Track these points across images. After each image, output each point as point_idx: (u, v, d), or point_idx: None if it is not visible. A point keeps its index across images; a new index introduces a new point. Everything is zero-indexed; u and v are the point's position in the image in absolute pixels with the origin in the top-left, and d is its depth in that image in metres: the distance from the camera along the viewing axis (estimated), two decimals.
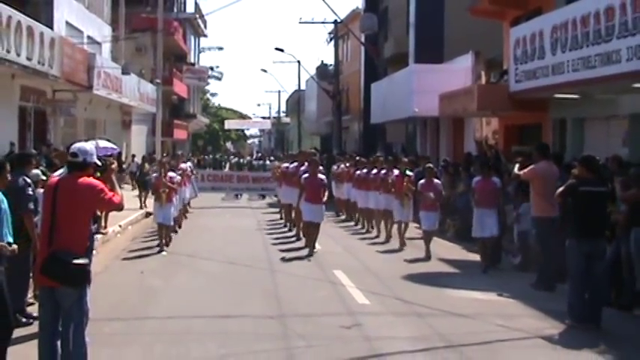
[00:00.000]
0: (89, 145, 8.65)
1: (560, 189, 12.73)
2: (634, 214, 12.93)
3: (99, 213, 20.86)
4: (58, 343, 8.11)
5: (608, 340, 11.20)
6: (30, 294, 11.88)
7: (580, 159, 13.27)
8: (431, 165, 21.28)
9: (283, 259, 18.38)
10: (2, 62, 21.36)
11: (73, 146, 8.60)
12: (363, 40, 48.29)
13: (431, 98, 31.12)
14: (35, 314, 9.65)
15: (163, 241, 19.47)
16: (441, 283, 15.58)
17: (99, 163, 8.75)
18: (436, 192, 19.46)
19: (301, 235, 21.82)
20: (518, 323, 12.20)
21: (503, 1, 27.64)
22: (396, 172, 22.05)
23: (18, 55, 22.25)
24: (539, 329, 11.80)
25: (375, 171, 24.18)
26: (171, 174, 20.39)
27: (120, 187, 9.01)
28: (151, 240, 20.47)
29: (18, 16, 22.21)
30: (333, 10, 64.86)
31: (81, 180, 8.15)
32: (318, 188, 19.44)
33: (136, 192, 31.53)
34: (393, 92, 37.65)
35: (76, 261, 7.93)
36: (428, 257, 18.77)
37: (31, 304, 11.52)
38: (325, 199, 19.74)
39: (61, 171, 10.24)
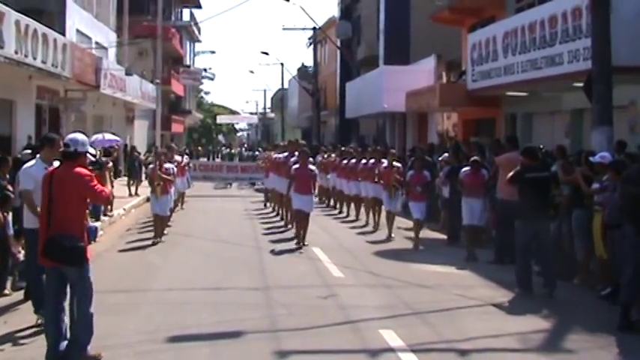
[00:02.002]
0: (81, 136, 8.34)
1: (509, 175, 12.72)
2: (575, 197, 13.06)
3: None
4: (62, 314, 8.06)
5: (551, 305, 11.27)
6: None
7: (522, 150, 13.26)
8: (421, 156, 19.26)
9: (273, 252, 16.78)
10: (21, 65, 21.21)
11: (67, 137, 8.38)
12: (338, 44, 48.23)
13: (398, 95, 31.25)
14: None
15: (159, 231, 17.66)
16: (407, 258, 15.60)
17: (92, 151, 8.59)
18: (425, 183, 17.65)
19: (291, 225, 19.90)
20: (474, 293, 12.24)
21: (461, 10, 27.71)
22: (384, 163, 19.87)
23: (34, 58, 22.11)
24: (491, 298, 11.85)
25: (363, 161, 22.25)
26: (167, 165, 18.28)
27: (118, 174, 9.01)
28: (152, 223, 20.01)
29: (35, 24, 22.07)
30: (312, 18, 64.79)
31: (73, 169, 7.97)
32: (308, 179, 17.57)
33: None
34: (365, 90, 37.72)
35: (71, 244, 7.81)
36: (416, 247, 17.14)
37: None
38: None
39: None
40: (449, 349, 8.82)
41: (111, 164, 9.63)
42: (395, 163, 19.46)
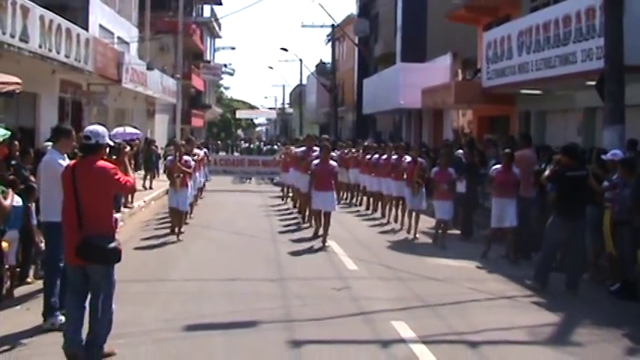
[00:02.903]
0: (101, 128, 7.98)
1: (547, 173, 12.62)
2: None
3: None
4: (84, 305, 7.80)
5: (560, 300, 11.32)
6: None
7: (562, 149, 12.88)
8: (448, 152, 17.82)
9: (290, 245, 16.52)
10: (45, 59, 21.44)
11: (86, 129, 8.05)
12: (356, 41, 48.34)
13: (415, 92, 31.30)
14: None
15: (176, 229, 16.83)
16: (420, 252, 15.65)
17: (111, 143, 8.23)
18: (450, 180, 16.60)
19: (307, 221, 19.35)
20: (485, 286, 12.30)
21: (477, 9, 27.71)
22: (408, 158, 19.08)
23: (58, 53, 22.34)
24: (502, 291, 11.92)
25: (385, 157, 21.30)
26: (186, 157, 17.54)
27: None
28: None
29: (58, 19, 22.28)
30: (330, 16, 64.99)
31: (96, 164, 7.64)
32: (329, 175, 16.48)
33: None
34: (382, 87, 37.77)
35: (110, 245, 7.59)
36: (442, 246, 16.20)
37: None
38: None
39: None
40: (459, 341, 8.90)
41: (128, 149, 9.63)
42: (419, 159, 18.57)
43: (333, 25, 52.41)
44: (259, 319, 9.64)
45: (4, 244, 9.71)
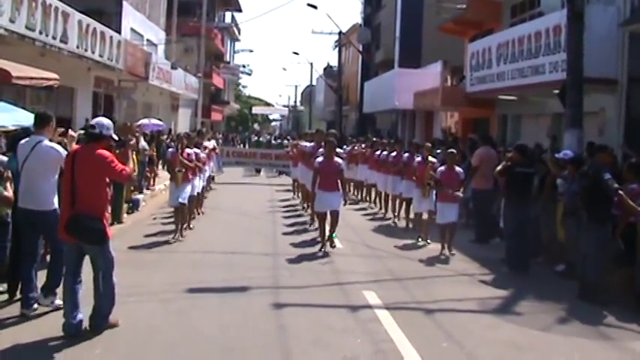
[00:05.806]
0: (106, 120, 7.89)
1: (499, 167, 12.96)
2: (542, 188, 13.49)
3: (148, 174, 21.32)
4: (79, 286, 7.69)
5: (512, 278, 11.74)
6: None
7: (515, 146, 13.48)
8: (453, 150, 14.88)
9: (287, 226, 17.18)
10: (82, 58, 22.02)
11: (93, 120, 7.98)
12: (360, 48, 48.65)
13: (408, 95, 31.72)
14: None
15: (180, 226, 14.38)
16: (399, 236, 15.98)
17: (115, 137, 8.05)
18: (457, 181, 13.97)
19: (315, 221, 15.89)
20: (450, 265, 12.77)
21: (464, 23, 28.08)
22: (418, 157, 16.09)
23: (93, 52, 22.88)
24: (464, 269, 12.36)
25: (394, 154, 18.73)
26: (189, 151, 14.97)
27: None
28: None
29: (94, 24, 22.85)
30: (337, 25, 64.95)
31: (95, 151, 7.56)
32: (334, 174, 13.66)
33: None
34: (380, 89, 38.19)
35: (93, 226, 7.42)
36: (451, 254, 13.70)
37: None
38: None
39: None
40: (417, 308, 9.36)
41: (133, 141, 9.97)
42: (430, 159, 15.59)
43: (339, 33, 52.65)
44: (250, 285, 10.14)
45: None
